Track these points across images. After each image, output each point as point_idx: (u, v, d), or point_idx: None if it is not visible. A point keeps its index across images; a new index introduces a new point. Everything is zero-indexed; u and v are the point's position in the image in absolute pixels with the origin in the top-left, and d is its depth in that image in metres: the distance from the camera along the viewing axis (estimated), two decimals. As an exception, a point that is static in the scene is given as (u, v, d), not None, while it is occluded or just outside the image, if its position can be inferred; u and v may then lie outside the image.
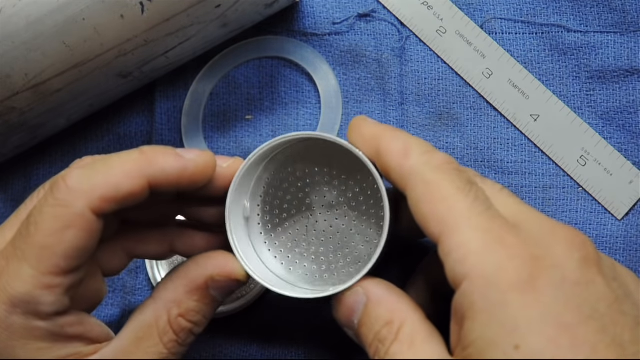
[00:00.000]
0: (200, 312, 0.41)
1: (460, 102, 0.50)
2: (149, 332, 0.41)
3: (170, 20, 0.45)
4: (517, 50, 0.50)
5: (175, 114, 0.52)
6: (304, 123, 0.51)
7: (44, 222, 0.38)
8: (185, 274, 0.42)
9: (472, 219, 0.36)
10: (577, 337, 0.33)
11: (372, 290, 0.39)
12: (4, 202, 0.53)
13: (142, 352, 0.40)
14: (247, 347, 0.50)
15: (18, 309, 0.38)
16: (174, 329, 0.41)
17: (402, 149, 0.39)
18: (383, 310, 0.38)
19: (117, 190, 0.39)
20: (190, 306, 0.41)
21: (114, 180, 0.39)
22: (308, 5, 0.51)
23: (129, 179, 0.39)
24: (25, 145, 0.50)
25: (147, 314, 0.41)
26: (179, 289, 0.41)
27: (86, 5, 0.44)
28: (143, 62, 0.47)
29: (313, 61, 0.51)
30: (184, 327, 0.41)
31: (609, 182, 0.49)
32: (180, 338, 0.41)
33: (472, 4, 0.51)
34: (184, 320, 0.41)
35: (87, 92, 0.48)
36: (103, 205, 0.39)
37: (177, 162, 0.41)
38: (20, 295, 0.38)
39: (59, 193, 0.39)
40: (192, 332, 0.41)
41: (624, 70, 0.49)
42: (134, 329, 0.41)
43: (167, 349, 0.41)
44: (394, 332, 0.37)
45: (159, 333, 0.41)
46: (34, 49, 0.45)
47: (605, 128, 0.49)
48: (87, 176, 0.39)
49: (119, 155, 0.41)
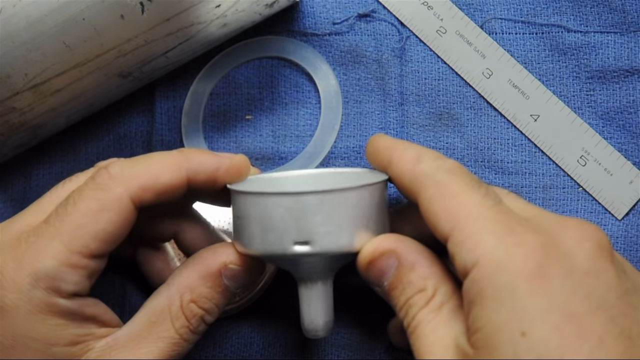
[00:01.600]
0: (212, 300, 0.42)
1: (460, 102, 0.50)
2: (161, 317, 0.41)
3: (170, 20, 0.45)
4: (517, 50, 0.50)
5: (175, 114, 0.52)
6: (304, 123, 0.51)
7: (83, 202, 0.40)
8: (200, 260, 0.42)
9: (482, 211, 0.37)
10: (584, 327, 0.33)
11: (405, 254, 0.39)
12: (4, 202, 0.53)
13: (154, 336, 0.41)
14: (246, 347, 0.50)
15: (41, 283, 0.39)
16: (186, 315, 0.41)
17: (414, 156, 0.40)
18: (416, 276, 0.39)
19: (156, 180, 0.41)
20: (202, 292, 0.42)
21: (154, 170, 0.41)
22: (308, 5, 0.51)
23: (168, 171, 0.41)
24: (25, 145, 0.50)
25: (161, 299, 0.42)
26: (192, 274, 0.42)
27: (86, 5, 0.44)
28: (143, 62, 0.47)
29: (313, 61, 0.51)
30: (196, 313, 0.41)
31: (609, 182, 0.49)
32: (192, 325, 0.41)
33: (472, 4, 0.51)
34: (195, 307, 0.41)
35: (87, 92, 0.48)
36: (142, 194, 0.41)
37: (214, 158, 0.42)
38: (45, 270, 0.39)
39: (100, 178, 0.41)
40: (203, 319, 0.42)
41: (624, 70, 0.49)
42: (147, 314, 0.42)
43: (179, 334, 0.41)
44: (425, 300, 0.38)
45: (171, 318, 0.41)
46: (34, 49, 0.45)
47: (605, 128, 0.49)
48: (129, 165, 0.41)
49: (158, 153, 0.43)
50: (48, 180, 0.53)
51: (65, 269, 0.40)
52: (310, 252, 0.40)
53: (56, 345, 0.40)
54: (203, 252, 0.43)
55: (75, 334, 0.40)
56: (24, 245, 0.40)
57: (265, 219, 0.40)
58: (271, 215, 0.40)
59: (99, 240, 0.40)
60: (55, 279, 0.39)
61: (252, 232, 0.41)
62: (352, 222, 0.40)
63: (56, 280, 0.39)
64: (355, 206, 0.40)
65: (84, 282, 0.40)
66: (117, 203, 0.40)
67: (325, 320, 0.42)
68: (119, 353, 0.41)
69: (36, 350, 0.40)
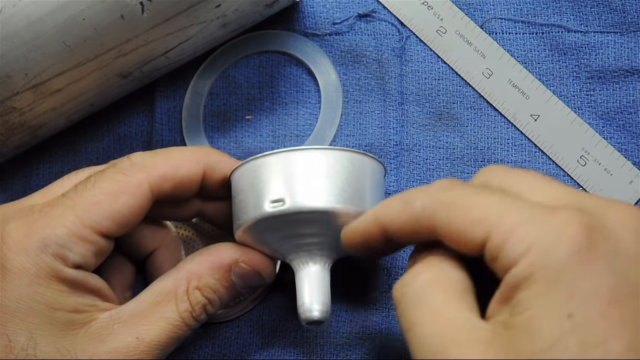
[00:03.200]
0: (216, 292, 0.43)
1: (460, 102, 0.50)
2: (166, 298, 0.42)
3: (170, 20, 0.45)
4: (517, 50, 0.50)
5: (175, 113, 0.52)
6: (304, 123, 0.51)
7: (103, 181, 0.42)
8: (215, 251, 0.44)
9: (512, 209, 0.35)
10: (625, 314, 0.33)
11: None
12: (4, 202, 0.53)
13: (157, 315, 0.42)
14: (246, 348, 0.50)
15: (49, 249, 0.41)
16: (190, 300, 0.42)
17: (401, 205, 0.38)
18: None
19: (176, 171, 0.43)
20: (209, 282, 0.43)
21: (174, 162, 0.43)
22: (308, 5, 0.51)
23: (188, 162, 0.43)
24: (25, 145, 0.50)
25: (168, 282, 0.43)
26: (203, 263, 0.43)
27: (86, 5, 0.44)
28: (143, 62, 0.47)
29: (313, 55, 0.51)
30: (199, 300, 0.43)
31: (609, 182, 0.49)
32: (195, 311, 0.43)
33: (472, 4, 0.51)
34: (200, 294, 0.43)
35: (87, 92, 0.48)
36: (161, 183, 0.42)
37: (231, 159, 0.44)
38: (55, 237, 0.41)
39: (122, 164, 0.43)
40: (205, 308, 0.43)
41: (624, 70, 0.49)
42: (153, 293, 0.43)
43: (181, 317, 0.42)
44: None
45: (176, 300, 0.42)
46: (34, 49, 0.45)
47: (605, 128, 0.49)
48: (150, 156, 0.43)
49: (178, 147, 0.45)
50: (48, 180, 0.53)
51: (75, 239, 0.41)
52: (284, 211, 0.41)
53: (60, 310, 0.41)
54: (219, 245, 0.44)
55: (78, 302, 0.41)
56: (37, 213, 0.42)
57: (246, 187, 0.42)
58: (250, 181, 0.42)
59: (112, 220, 0.41)
60: (63, 247, 0.41)
61: (239, 207, 0.43)
62: (326, 183, 0.41)
63: (64, 249, 0.41)
64: (330, 167, 0.42)
65: (90, 256, 0.41)
66: (136, 188, 0.42)
67: (321, 302, 0.43)
68: (121, 327, 0.42)
69: (39, 312, 0.41)
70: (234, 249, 0.44)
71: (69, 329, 0.41)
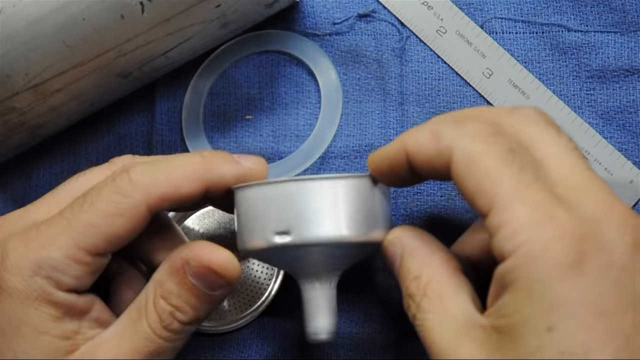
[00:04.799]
0: (181, 297, 0.41)
1: (460, 102, 0.50)
2: (138, 312, 0.41)
3: (170, 20, 0.45)
4: (517, 50, 0.50)
5: (175, 114, 0.52)
6: (304, 123, 0.51)
7: (100, 202, 0.40)
8: (171, 255, 0.42)
9: (519, 192, 0.35)
10: (612, 326, 0.33)
11: (407, 242, 0.40)
12: (4, 202, 0.53)
13: (133, 332, 0.41)
14: (246, 348, 0.50)
15: (43, 271, 0.40)
16: (156, 310, 0.41)
17: (430, 135, 0.38)
18: (414, 263, 0.39)
19: (176, 191, 0.41)
20: (169, 288, 0.41)
21: (175, 181, 0.41)
22: (308, 5, 0.51)
23: (189, 181, 0.41)
24: (26, 145, 0.50)
25: (142, 295, 0.42)
26: (163, 269, 0.41)
27: (86, 5, 0.44)
28: (143, 62, 0.47)
29: (313, 55, 0.51)
30: (165, 308, 0.41)
31: (610, 182, 0.49)
32: (164, 321, 0.41)
33: (472, 4, 0.51)
34: (163, 302, 0.41)
35: (87, 92, 0.48)
36: (160, 203, 0.41)
37: (235, 169, 0.42)
38: (49, 259, 0.40)
39: (122, 183, 0.41)
40: (174, 317, 0.41)
41: (624, 69, 0.49)
42: (129, 310, 0.41)
43: (151, 329, 0.40)
44: (421, 288, 0.38)
45: (146, 313, 0.41)
46: (34, 49, 0.45)
47: (605, 127, 0.49)
48: (151, 172, 0.41)
49: (180, 157, 0.43)
50: (48, 180, 0.53)
51: (69, 262, 0.40)
52: (290, 243, 0.40)
53: (46, 335, 0.40)
54: (179, 248, 0.42)
55: (66, 328, 0.40)
56: (34, 232, 0.41)
57: (250, 212, 0.41)
58: (255, 207, 0.41)
59: (108, 242, 0.40)
60: (57, 270, 0.40)
61: (242, 227, 0.42)
62: (333, 213, 0.40)
63: (58, 272, 0.40)
64: (333, 196, 0.40)
65: (85, 277, 0.41)
66: (133, 211, 0.40)
67: (328, 324, 0.42)
68: (102, 350, 0.40)
69: (26, 336, 0.40)
70: (187, 247, 0.41)
71: (52, 356, 0.40)
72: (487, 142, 0.37)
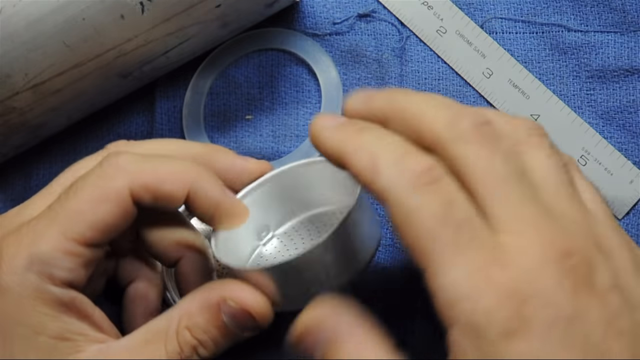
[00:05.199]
0: (207, 333, 0.40)
1: (460, 102, 0.50)
2: (157, 337, 0.40)
3: (170, 20, 0.45)
4: (517, 49, 0.50)
5: (175, 114, 0.52)
6: (304, 123, 0.51)
7: (85, 189, 0.40)
8: (205, 289, 0.41)
9: (455, 255, 0.33)
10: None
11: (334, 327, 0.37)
12: (4, 202, 0.53)
13: (147, 354, 0.40)
14: (246, 348, 0.50)
15: (35, 266, 0.39)
16: (178, 340, 0.40)
17: (368, 164, 0.35)
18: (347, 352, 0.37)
19: (159, 185, 0.41)
20: (198, 322, 0.40)
21: (161, 174, 0.41)
22: (308, 5, 0.51)
23: (174, 182, 0.41)
24: (26, 145, 0.50)
25: (162, 320, 0.41)
26: (194, 302, 0.40)
27: (86, 5, 0.44)
28: (143, 62, 0.47)
29: (313, 53, 0.51)
30: (188, 340, 0.40)
31: (610, 182, 0.49)
32: (184, 352, 0.40)
33: (472, 4, 0.51)
34: (188, 334, 0.40)
35: (87, 92, 0.48)
36: (142, 193, 0.40)
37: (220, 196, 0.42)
38: (39, 254, 0.39)
39: (108, 167, 0.40)
40: (195, 350, 0.40)
41: (624, 69, 0.49)
42: (145, 332, 0.41)
43: (168, 357, 0.40)
44: None
45: (165, 340, 0.40)
46: (34, 49, 0.45)
47: (605, 127, 0.49)
48: (137, 161, 0.41)
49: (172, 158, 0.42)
50: (48, 180, 0.52)
51: (59, 254, 0.39)
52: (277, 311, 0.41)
53: (42, 335, 0.39)
54: (214, 282, 0.41)
55: (64, 327, 0.39)
56: (25, 228, 0.40)
57: None
58: None
59: (95, 229, 0.40)
60: (48, 264, 0.39)
61: None
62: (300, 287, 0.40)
63: (49, 266, 0.39)
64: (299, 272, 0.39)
65: (78, 269, 0.40)
66: (117, 195, 0.40)
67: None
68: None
69: (22, 336, 0.39)
70: (225, 285, 0.40)
71: (51, 357, 0.39)
72: (424, 192, 0.35)
